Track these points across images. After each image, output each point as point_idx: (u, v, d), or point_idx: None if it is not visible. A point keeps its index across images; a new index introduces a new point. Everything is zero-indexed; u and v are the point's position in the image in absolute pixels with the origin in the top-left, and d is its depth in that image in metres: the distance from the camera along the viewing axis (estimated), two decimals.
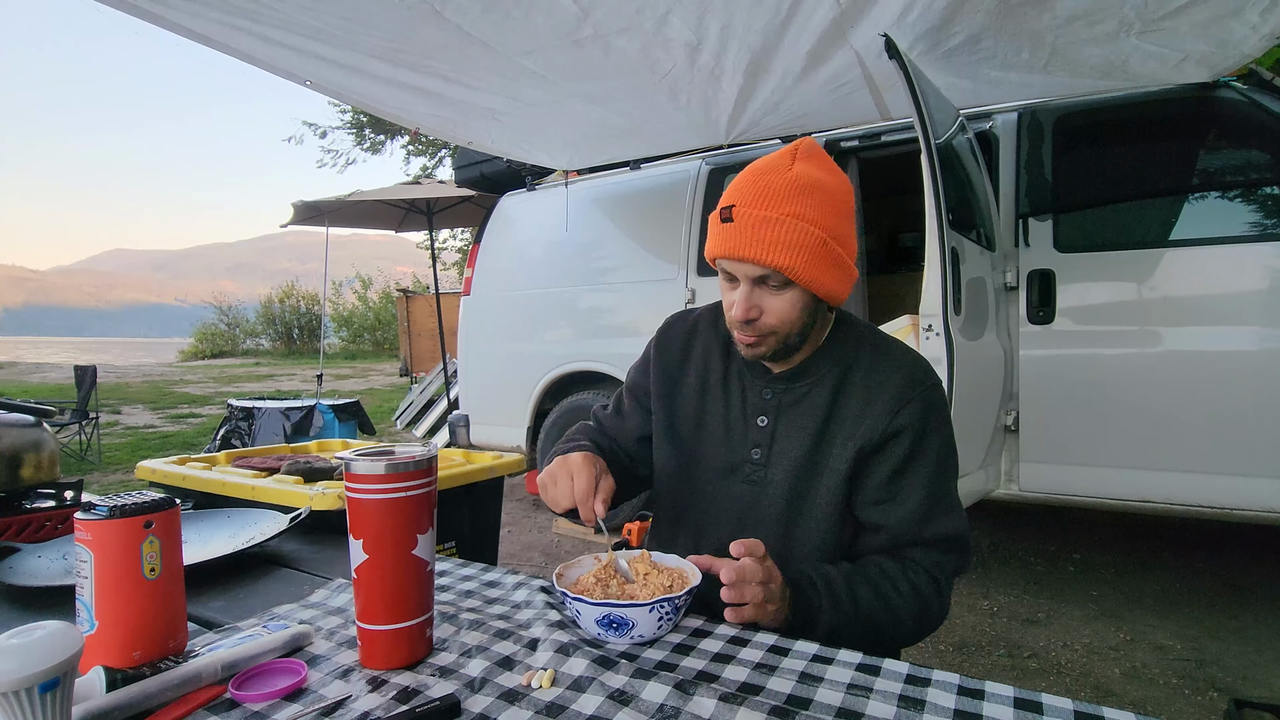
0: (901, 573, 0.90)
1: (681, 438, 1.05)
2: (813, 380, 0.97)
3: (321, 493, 1.23)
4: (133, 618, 0.65)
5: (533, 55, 2.34)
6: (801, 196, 0.86)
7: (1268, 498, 2.33)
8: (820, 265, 0.87)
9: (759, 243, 0.85)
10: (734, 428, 1.01)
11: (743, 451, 0.99)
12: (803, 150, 0.90)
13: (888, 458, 0.92)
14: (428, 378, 7.67)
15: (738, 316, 0.90)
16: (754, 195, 0.87)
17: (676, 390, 1.07)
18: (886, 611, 0.87)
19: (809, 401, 0.97)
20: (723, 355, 1.06)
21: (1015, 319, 2.71)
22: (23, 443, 1.19)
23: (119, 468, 5.75)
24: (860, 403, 0.94)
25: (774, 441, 0.97)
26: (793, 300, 0.89)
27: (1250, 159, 2.48)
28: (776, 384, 0.99)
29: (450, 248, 15.47)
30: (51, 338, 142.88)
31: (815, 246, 0.85)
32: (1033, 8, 2.04)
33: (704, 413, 1.04)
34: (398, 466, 0.67)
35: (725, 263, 0.90)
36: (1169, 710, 1.97)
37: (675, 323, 1.13)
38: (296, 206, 6.34)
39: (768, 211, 0.85)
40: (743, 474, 0.99)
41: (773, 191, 0.86)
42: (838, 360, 0.97)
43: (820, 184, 0.87)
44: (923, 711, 0.59)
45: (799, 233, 0.85)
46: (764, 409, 0.99)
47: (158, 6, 1.97)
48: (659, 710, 0.59)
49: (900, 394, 0.92)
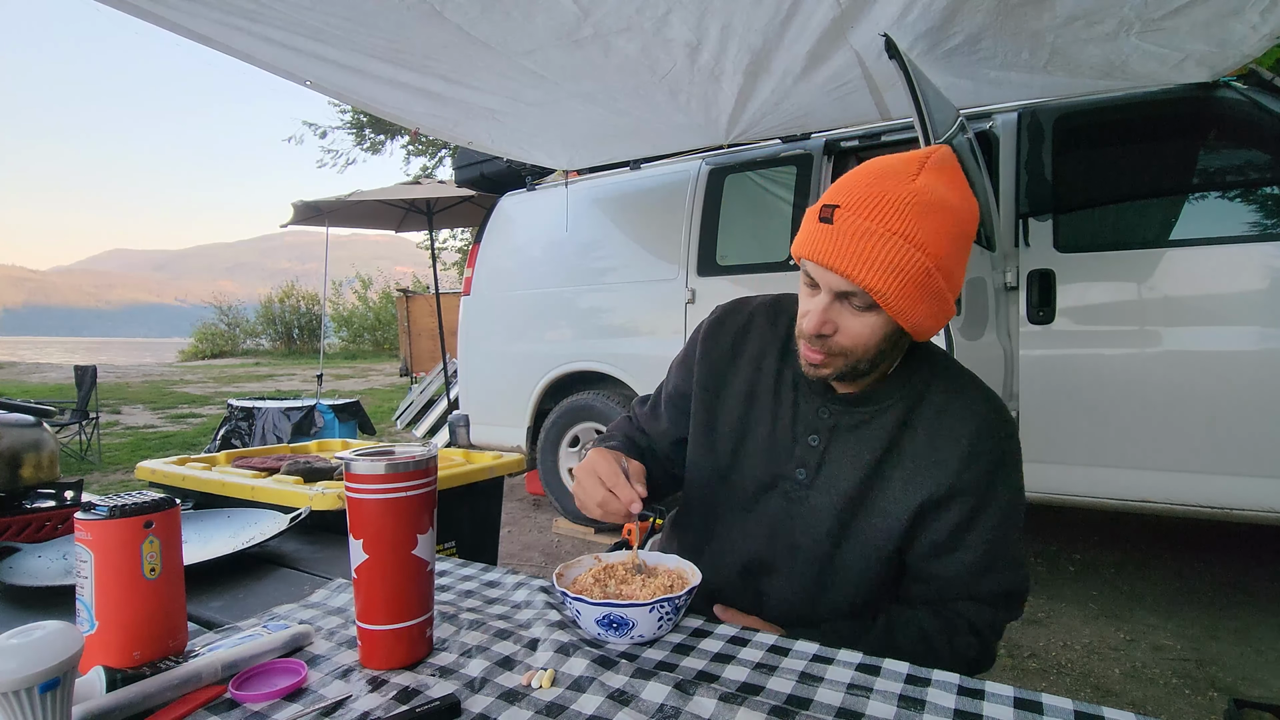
0: (942, 633, 0.84)
1: (721, 443, 0.96)
2: (876, 408, 0.88)
3: (321, 493, 1.23)
4: (133, 618, 0.65)
5: (533, 55, 2.34)
6: (918, 216, 0.74)
7: (1268, 498, 2.32)
8: (916, 297, 0.76)
9: (853, 256, 0.74)
10: (780, 441, 0.92)
11: (786, 468, 0.91)
12: (934, 161, 0.79)
13: (952, 512, 0.84)
14: (428, 378, 7.67)
15: (809, 329, 0.81)
16: (863, 200, 0.75)
17: (722, 390, 0.98)
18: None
19: (869, 430, 0.88)
20: (778, 358, 0.96)
21: (1015, 319, 2.71)
22: (23, 443, 1.19)
23: (119, 468, 5.75)
24: (926, 445, 0.85)
25: (823, 464, 0.89)
26: (874, 325, 0.79)
27: (1250, 159, 2.48)
28: (836, 404, 0.90)
29: (450, 248, 15.48)
30: (51, 338, 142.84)
31: (918, 275, 0.75)
32: (1033, 8, 2.04)
33: (749, 419, 0.95)
34: (398, 466, 0.67)
35: (811, 266, 0.80)
36: (1169, 710, 1.97)
37: (728, 315, 1.02)
38: (296, 206, 6.34)
39: (874, 223, 0.74)
40: (782, 489, 0.91)
41: (887, 202, 0.75)
42: (907, 392, 0.88)
43: (944, 204, 0.76)
44: (923, 711, 0.59)
45: (903, 256, 0.74)
46: (817, 428, 0.90)
47: (158, 6, 1.97)
48: (659, 710, 0.59)
49: (973, 446, 0.84)
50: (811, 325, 0.81)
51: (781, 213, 3.22)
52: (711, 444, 0.97)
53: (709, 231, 3.38)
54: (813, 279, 0.81)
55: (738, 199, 3.38)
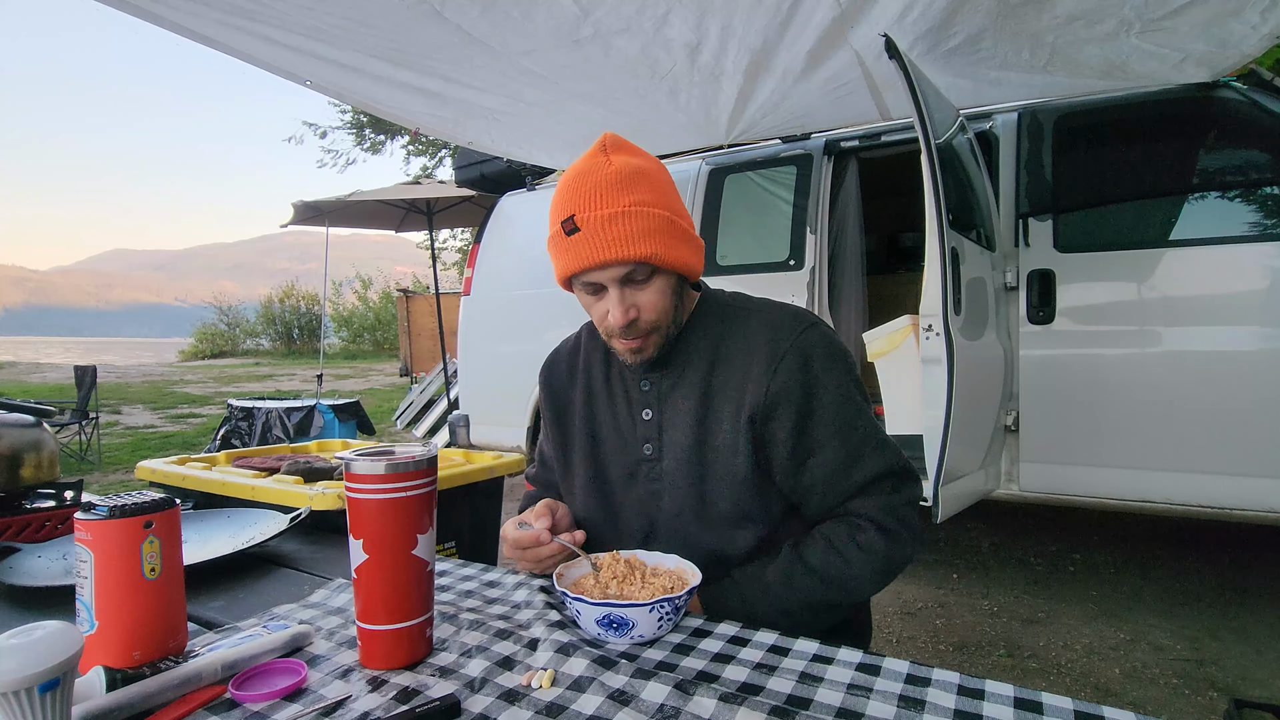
0: (846, 535, 0.87)
1: (581, 455, 1.01)
2: (685, 360, 0.94)
3: (321, 493, 1.23)
4: (133, 618, 0.65)
5: (532, 55, 2.34)
6: (633, 185, 0.84)
7: (1268, 498, 2.32)
8: (676, 243, 0.85)
9: (617, 240, 0.82)
10: (624, 429, 0.98)
11: (636, 451, 0.96)
12: (610, 142, 0.88)
13: (783, 420, 0.88)
14: (428, 378, 7.67)
15: (618, 322, 0.86)
16: (588, 199, 0.83)
17: (568, 411, 1.04)
18: (832, 587, 0.85)
19: (685, 382, 0.93)
20: (603, 362, 1.03)
21: (1015, 319, 2.71)
22: (23, 443, 1.19)
23: (119, 468, 5.75)
24: (739, 369, 0.90)
25: (662, 432, 0.94)
26: (662, 289, 0.87)
27: (1250, 159, 2.48)
28: (652, 373, 0.96)
29: (450, 248, 15.47)
30: (51, 338, 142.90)
31: (665, 226, 0.84)
32: (1033, 8, 2.04)
33: (596, 422, 1.01)
34: (398, 466, 0.67)
35: (586, 275, 0.86)
36: (1169, 710, 1.97)
37: (559, 348, 1.11)
38: (296, 206, 6.34)
39: (611, 209, 0.82)
40: (641, 475, 0.96)
41: (604, 188, 0.83)
42: (707, 333, 0.94)
43: (642, 169, 0.86)
44: (923, 711, 0.59)
45: (647, 219, 0.83)
46: (646, 402, 0.96)
47: (158, 6, 1.97)
48: (659, 710, 0.59)
49: (772, 349, 0.88)
50: (618, 318, 0.86)
51: (782, 213, 3.22)
52: (574, 460, 1.02)
53: (709, 232, 3.38)
54: (593, 286, 0.87)
55: (738, 199, 3.38)
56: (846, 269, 3.33)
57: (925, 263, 2.07)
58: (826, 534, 0.88)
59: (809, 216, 3.14)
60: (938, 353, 2.03)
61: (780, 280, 3.12)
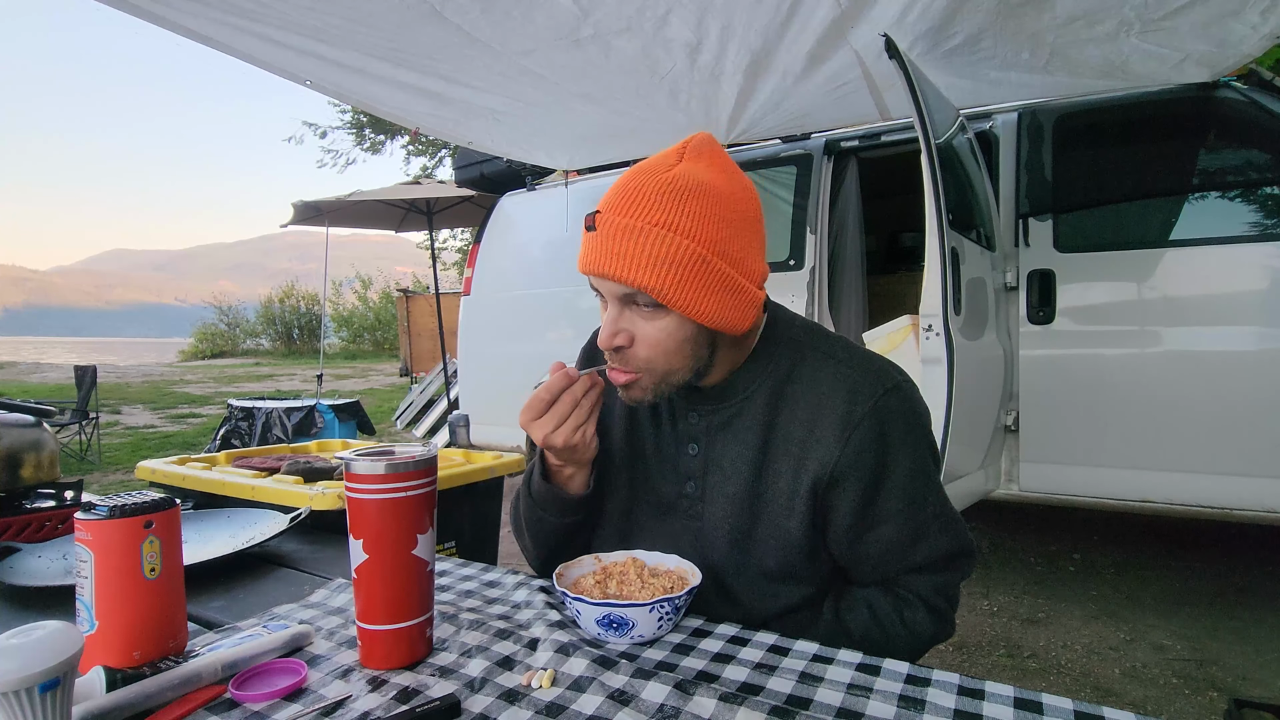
0: (893, 610, 0.80)
1: (616, 472, 0.92)
2: (743, 397, 0.82)
3: (321, 493, 1.23)
4: (133, 618, 0.65)
5: (533, 55, 2.34)
6: (675, 202, 0.70)
7: (1268, 498, 2.32)
8: (699, 287, 0.71)
9: (618, 256, 0.71)
10: (665, 457, 0.88)
11: (677, 485, 0.87)
12: (693, 147, 0.75)
13: (849, 491, 0.78)
14: (428, 378, 7.67)
15: (603, 343, 0.77)
16: (620, 199, 0.72)
17: (606, 423, 0.93)
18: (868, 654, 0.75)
19: (742, 424, 0.82)
20: None
21: (1015, 319, 2.71)
22: (23, 443, 1.19)
23: (119, 468, 5.75)
24: (805, 424, 0.79)
25: (707, 472, 0.84)
26: (668, 329, 0.74)
27: (1250, 159, 2.48)
28: (703, 404, 0.84)
29: (450, 248, 15.48)
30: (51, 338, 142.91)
31: (691, 264, 0.70)
32: (1033, 8, 2.04)
33: (634, 446, 0.91)
34: (398, 466, 0.67)
35: (592, 280, 0.77)
36: (1169, 710, 1.97)
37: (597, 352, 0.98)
38: (296, 206, 6.34)
39: (631, 219, 0.71)
40: (680, 510, 0.87)
41: (642, 194, 0.71)
42: (771, 370, 0.82)
43: (705, 187, 0.72)
44: (923, 711, 0.59)
45: (669, 246, 0.70)
46: (693, 435, 0.85)
47: (158, 6, 1.97)
48: (659, 710, 0.59)
49: (849, 411, 0.77)
50: (604, 338, 0.76)
51: (781, 213, 3.22)
52: (604, 479, 0.92)
53: None
54: (598, 292, 0.78)
55: None
56: (846, 269, 3.33)
57: (925, 263, 2.07)
58: (871, 603, 0.81)
59: (809, 216, 3.14)
60: (938, 353, 2.03)
61: (780, 280, 3.12)
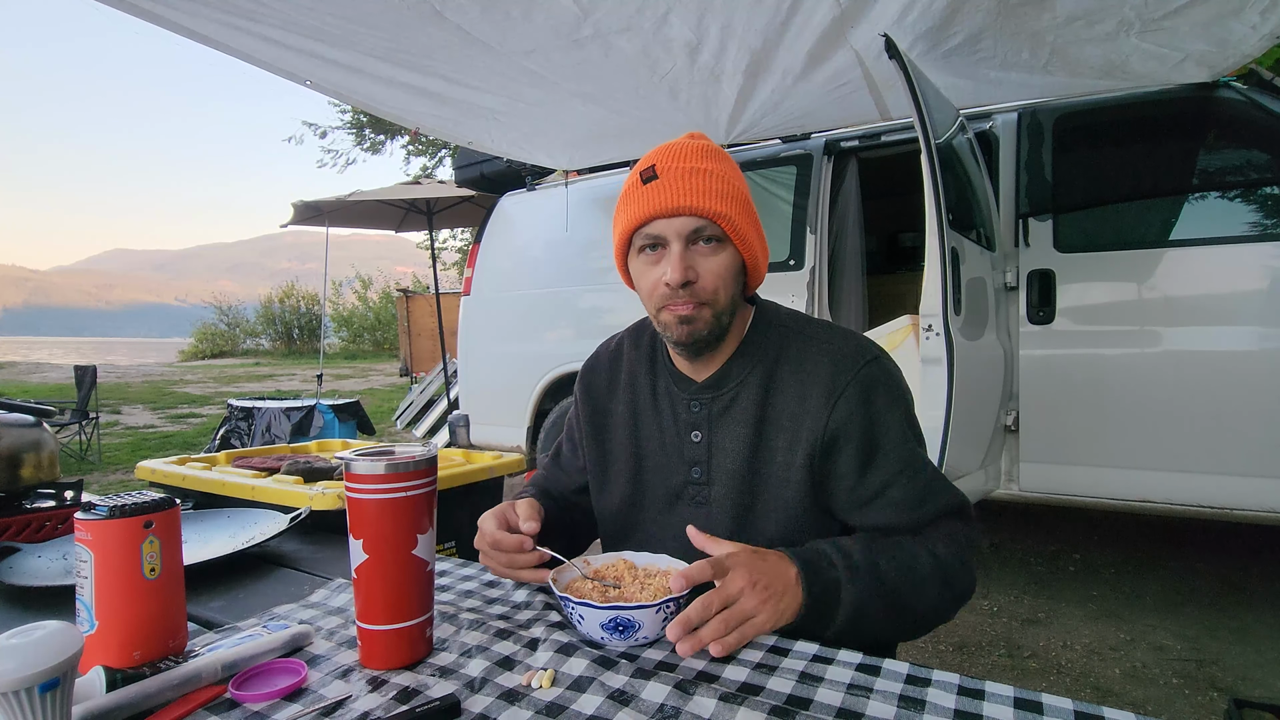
0: (919, 541, 0.82)
1: (620, 473, 0.96)
2: (738, 382, 0.89)
3: (321, 493, 1.23)
4: (133, 618, 0.65)
5: (533, 55, 2.34)
6: (718, 158, 0.85)
7: (1268, 498, 2.33)
8: (750, 222, 0.85)
9: (693, 191, 0.81)
10: (670, 448, 0.93)
11: (683, 472, 0.92)
12: (698, 134, 0.90)
13: (846, 453, 0.84)
14: (428, 378, 7.67)
15: (676, 278, 0.81)
16: (674, 154, 0.84)
17: (607, 424, 0.99)
18: (910, 578, 0.77)
19: (739, 407, 0.88)
20: (648, 372, 0.97)
21: (1015, 319, 2.71)
22: (23, 443, 1.19)
23: (119, 468, 5.75)
24: (795, 399, 0.86)
25: (711, 456, 0.89)
26: (727, 263, 0.84)
27: (1250, 159, 2.48)
28: (703, 394, 0.90)
29: (450, 248, 15.48)
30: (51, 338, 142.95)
31: (743, 201, 0.84)
32: (1033, 8, 2.04)
33: (639, 439, 0.96)
34: (398, 466, 0.67)
35: (652, 227, 0.83)
36: (1169, 710, 1.97)
37: (600, 351, 1.06)
38: (296, 206, 6.34)
39: (694, 163, 0.83)
40: (687, 497, 0.91)
41: (692, 151, 0.84)
42: (761, 356, 0.89)
43: (726, 158, 0.87)
44: (923, 711, 0.59)
45: (727, 184, 0.83)
46: (695, 423, 0.91)
47: (158, 6, 1.97)
48: (659, 710, 0.59)
49: (833, 380, 0.84)
50: (677, 273, 0.81)
51: (781, 213, 3.22)
52: (611, 478, 0.97)
53: None
54: (655, 242, 0.84)
55: None
56: (846, 269, 3.33)
57: (925, 263, 2.07)
58: (894, 537, 0.83)
59: (809, 216, 3.14)
60: (938, 353, 2.03)
61: (780, 280, 3.12)
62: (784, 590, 0.72)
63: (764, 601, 0.70)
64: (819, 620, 0.73)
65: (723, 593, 0.69)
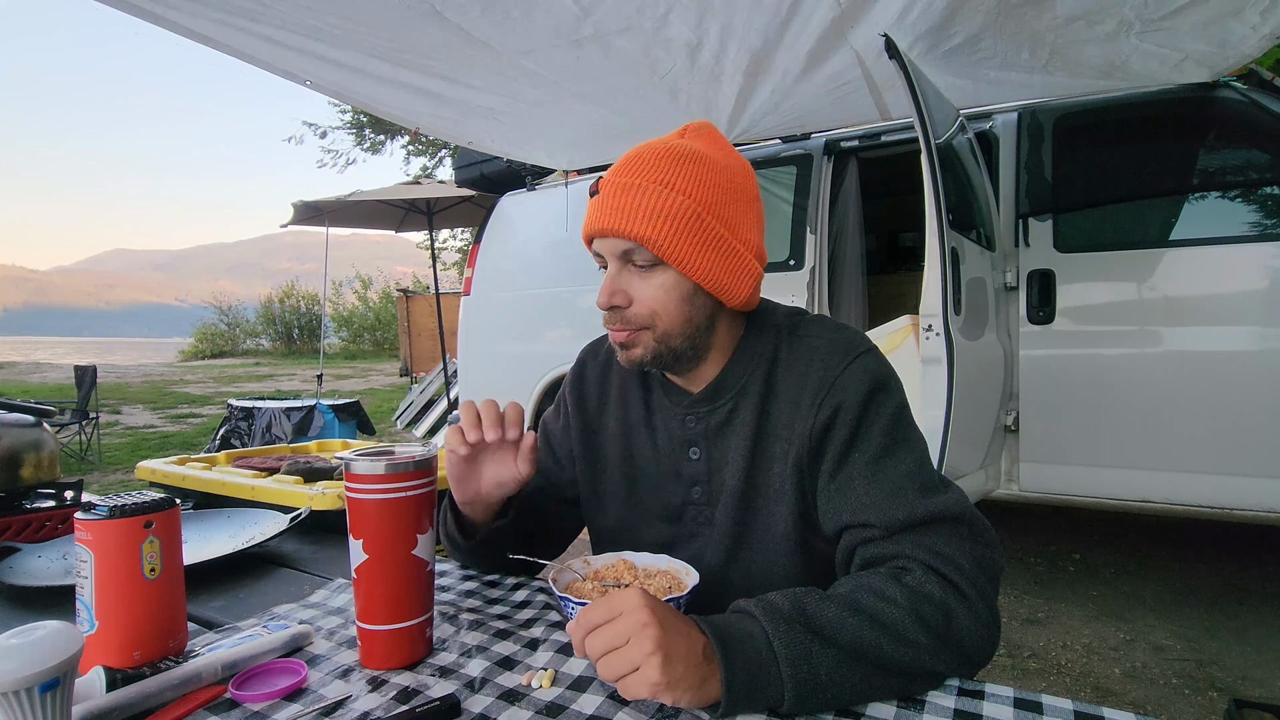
0: (887, 577, 0.66)
1: (613, 492, 0.91)
2: (734, 393, 0.83)
3: (321, 493, 1.23)
4: (133, 618, 0.65)
5: (533, 55, 2.34)
6: (674, 165, 0.75)
7: (1268, 498, 2.33)
8: (693, 243, 0.74)
9: (617, 211, 0.74)
10: (666, 467, 0.87)
11: (682, 492, 0.86)
12: (693, 129, 0.82)
13: (829, 453, 0.76)
14: (428, 378, 7.67)
15: (601, 301, 0.78)
16: (623, 164, 0.77)
17: (598, 439, 0.93)
18: (875, 628, 0.60)
19: (737, 420, 0.82)
20: (640, 385, 0.92)
21: (1015, 319, 2.71)
22: (23, 443, 1.19)
23: (119, 468, 5.75)
24: (790, 405, 0.79)
25: (711, 474, 0.84)
26: (665, 285, 0.77)
27: (1250, 159, 2.48)
28: (698, 407, 0.84)
29: (450, 248, 15.49)
30: (51, 338, 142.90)
31: (685, 218, 0.74)
32: (1033, 8, 2.04)
33: (632, 455, 0.90)
34: (397, 466, 0.67)
35: (596, 244, 0.79)
36: (1169, 710, 1.97)
37: (588, 357, 0.99)
38: (296, 206, 6.35)
39: (631, 178, 0.75)
40: (687, 518, 0.86)
41: (642, 160, 0.76)
42: (758, 362, 0.83)
43: (702, 156, 0.77)
44: (922, 711, 0.59)
45: (663, 200, 0.74)
46: (692, 439, 0.85)
47: (158, 6, 1.97)
48: (659, 710, 0.59)
49: (822, 379, 0.77)
50: (602, 296, 0.78)
51: (781, 213, 3.22)
52: (601, 499, 0.92)
53: None
54: (600, 259, 0.80)
55: None
56: (846, 269, 3.34)
57: (925, 263, 2.07)
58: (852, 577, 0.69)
59: (809, 216, 3.15)
60: (938, 353, 2.03)
61: (780, 280, 3.12)
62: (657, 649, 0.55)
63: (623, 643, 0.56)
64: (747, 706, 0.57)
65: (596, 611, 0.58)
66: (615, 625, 0.56)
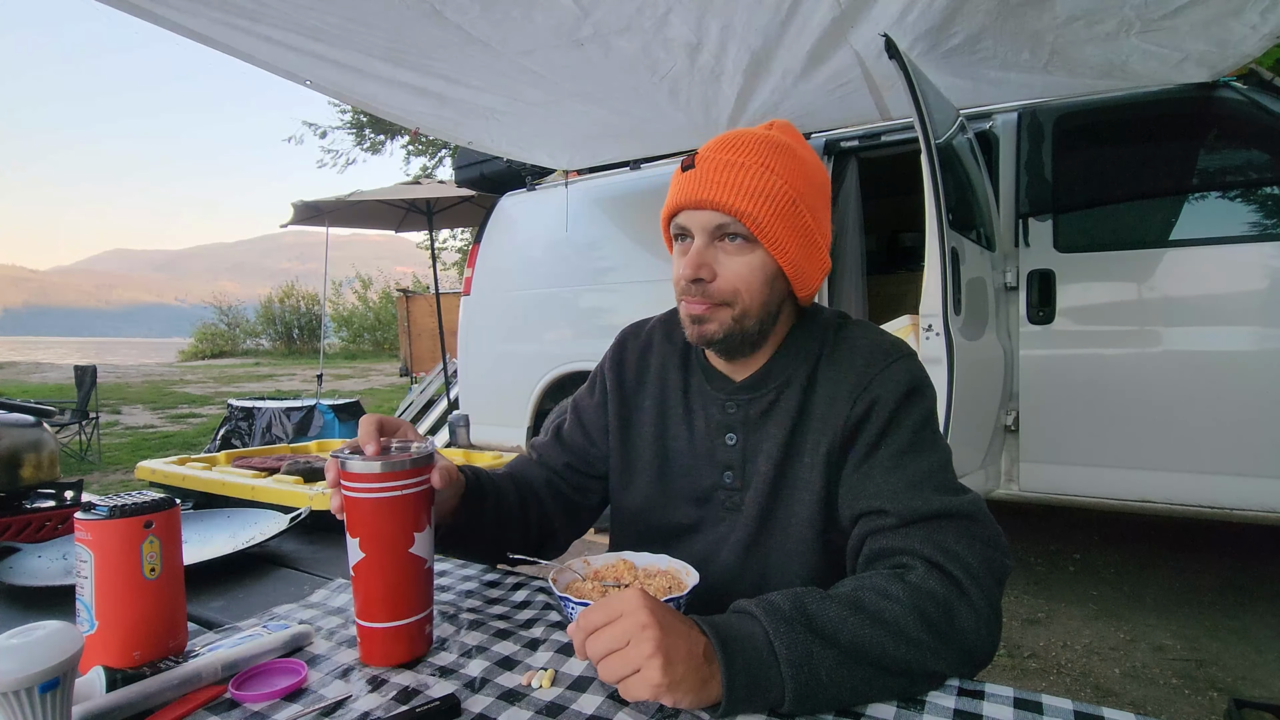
0: (890, 576, 0.67)
1: (643, 472, 0.92)
2: (779, 384, 0.84)
3: (321, 492, 1.23)
4: (133, 618, 0.65)
5: (532, 55, 2.34)
6: (773, 152, 0.77)
7: (1268, 498, 2.33)
8: (787, 226, 0.77)
9: (720, 185, 0.75)
10: (700, 449, 0.88)
11: (714, 476, 0.87)
12: (779, 125, 0.84)
13: (857, 446, 0.78)
14: (428, 378, 7.67)
15: (687, 272, 0.78)
16: (721, 145, 0.79)
17: (634, 416, 0.94)
18: (877, 627, 0.61)
19: (778, 410, 0.83)
20: (680, 368, 0.93)
21: (1015, 319, 2.71)
22: (23, 443, 1.19)
23: (119, 468, 5.75)
24: (827, 399, 0.81)
25: (745, 461, 0.85)
26: (753, 264, 0.78)
27: (1250, 159, 2.48)
28: (740, 394, 0.86)
29: (450, 248, 15.48)
30: (51, 338, 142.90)
31: (784, 202, 0.76)
32: (1033, 8, 2.04)
33: (666, 437, 0.91)
34: (394, 465, 0.67)
35: (681, 217, 0.80)
36: (1169, 710, 1.97)
37: (629, 339, 1.00)
38: (296, 206, 6.34)
39: (735, 156, 0.77)
40: (717, 502, 0.87)
41: (742, 142, 0.78)
42: (804, 357, 0.84)
43: (794, 149, 0.79)
44: (923, 711, 0.59)
45: (766, 182, 0.76)
46: (730, 425, 0.86)
47: (158, 6, 1.97)
48: (659, 710, 0.59)
49: (861, 375, 0.79)
50: (689, 267, 0.78)
51: None
52: (631, 478, 0.93)
53: None
54: (683, 233, 0.81)
55: None
56: (846, 269, 3.33)
57: (925, 263, 2.07)
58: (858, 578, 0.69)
59: None
60: (938, 353, 2.03)
61: None
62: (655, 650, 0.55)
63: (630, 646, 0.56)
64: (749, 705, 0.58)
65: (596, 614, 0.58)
66: (615, 627, 0.56)
